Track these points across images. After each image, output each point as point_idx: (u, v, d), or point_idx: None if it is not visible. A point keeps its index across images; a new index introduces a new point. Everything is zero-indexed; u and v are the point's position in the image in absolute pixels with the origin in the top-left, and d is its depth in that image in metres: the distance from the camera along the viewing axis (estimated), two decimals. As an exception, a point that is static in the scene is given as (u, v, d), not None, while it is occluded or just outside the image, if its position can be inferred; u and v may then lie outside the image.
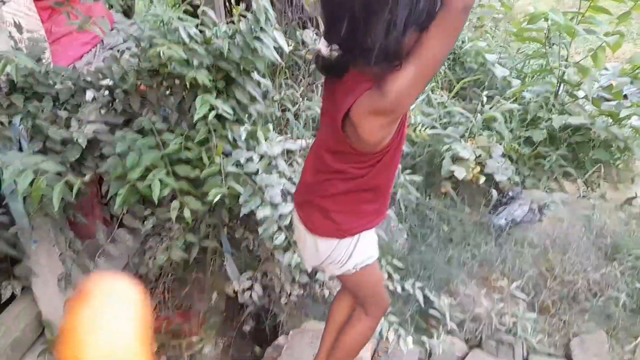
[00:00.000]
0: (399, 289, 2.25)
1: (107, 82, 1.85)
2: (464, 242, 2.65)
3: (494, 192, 2.91)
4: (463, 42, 3.85)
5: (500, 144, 3.11)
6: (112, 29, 2.55)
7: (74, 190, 1.42)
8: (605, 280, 2.29)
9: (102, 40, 2.52)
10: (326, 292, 2.31)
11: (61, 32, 2.35)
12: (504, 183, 2.97)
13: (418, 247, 2.62)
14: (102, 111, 1.72)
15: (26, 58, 1.51)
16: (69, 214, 1.74)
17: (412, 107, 3.10)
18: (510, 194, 2.94)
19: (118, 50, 1.88)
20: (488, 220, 2.79)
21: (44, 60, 1.76)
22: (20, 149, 1.65)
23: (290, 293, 2.19)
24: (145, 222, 1.72)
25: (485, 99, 3.35)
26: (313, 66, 1.36)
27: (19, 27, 1.75)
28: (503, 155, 3.07)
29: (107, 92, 1.81)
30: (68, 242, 1.80)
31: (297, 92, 2.73)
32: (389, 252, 2.45)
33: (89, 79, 1.82)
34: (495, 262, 2.50)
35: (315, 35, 2.76)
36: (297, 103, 2.70)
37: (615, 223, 2.67)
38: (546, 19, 3.29)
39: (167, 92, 1.77)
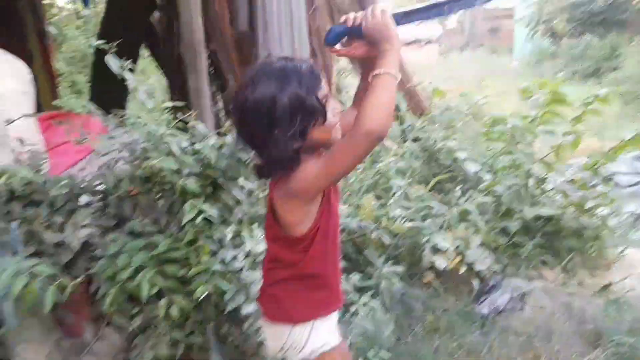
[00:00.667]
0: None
1: (101, 187, 1.98)
2: (450, 331, 2.66)
3: (475, 282, 2.98)
4: (435, 141, 4.15)
5: (478, 235, 3.25)
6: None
7: (66, 292, 1.48)
8: (590, 368, 2.31)
9: (96, 148, 2.70)
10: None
11: (58, 141, 2.53)
12: (485, 272, 3.06)
13: (404, 338, 2.63)
14: (96, 215, 1.82)
15: (27, 170, 1.64)
16: (58, 314, 1.77)
17: (389, 203, 3.28)
18: (492, 282, 3.02)
19: (113, 158, 2.03)
20: (471, 309, 2.84)
21: (42, 170, 1.89)
22: (14, 252, 1.72)
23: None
24: (133, 319, 1.75)
25: (459, 192, 3.55)
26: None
27: (21, 141, 1.91)
28: (481, 245, 3.19)
29: (100, 197, 1.93)
30: (56, 342, 1.80)
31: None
32: (377, 343, 2.45)
33: (83, 185, 1.95)
34: (481, 352, 2.50)
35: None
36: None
37: (594, 309, 2.73)
38: (505, 123, 3.62)
39: (158, 197, 1.89)
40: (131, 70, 1.90)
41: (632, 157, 5.80)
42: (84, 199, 1.92)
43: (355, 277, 2.47)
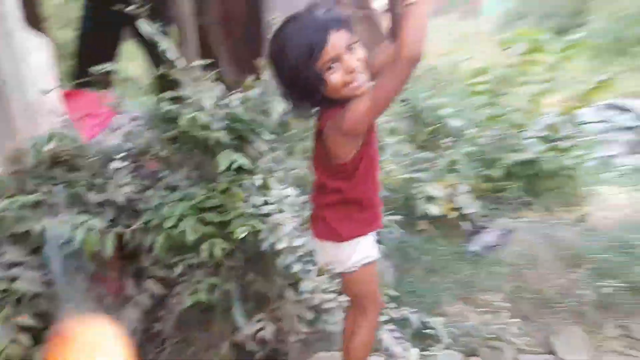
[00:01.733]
0: (395, 316, 2.51)
1: (126, 153, 2.16)
2: (446, 269, 2.96)
3: (466, 225, 3.28)
4: (419, 100, 4.39)
5: (465, 183, 3.54)
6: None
7: (125, 239, 1.68)
8: (572, 284, 2.63)
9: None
10: (331, 328, 2.54)
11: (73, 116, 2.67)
12: (474, 215, 3.36)
13: (406, 279, 2.90)
14: (132, 175, 2.01)
15: (74, 133, 1.81)
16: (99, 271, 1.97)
17: (383, 159, 3.52)
18: (481, 224, 3.32)
19: (136, 126, 2.21)
20: (464, 249, 3.14)
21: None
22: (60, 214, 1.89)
23: (298, 332, 2.40)
24: (174, 268, 1.96)
25: (448, 144, 3.83)
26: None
27: (54, 112, 2.07)
28: (469, 192, 3.48)
29: (132, 160, 2.11)
30: (98, 297, 2.01)
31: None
32: (381, 284, 2.72)
33: (114, 152, 2.12)
34: (476, 283, 2.81)
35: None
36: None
37: (573, 237, 3.05)
38: (488, 72, 3.89)
39: (185, 155, 2.08)
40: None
41: (600, 107, 6.18)
42: (115, 164, 2.09)
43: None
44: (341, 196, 1.54)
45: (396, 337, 2.28)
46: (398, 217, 3.10)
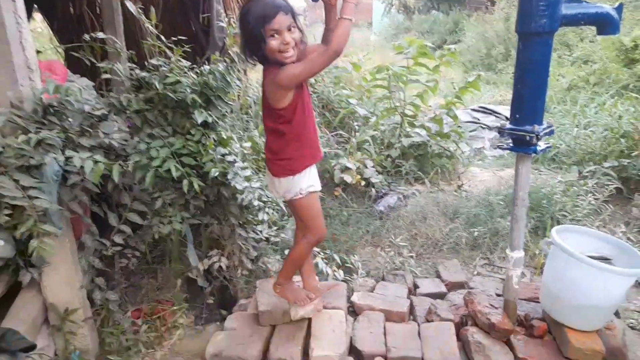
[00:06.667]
0: (323, 256, 3.11)
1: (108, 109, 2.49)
2: (359, 223, 3.64)
3: (373, 190, 4.01)
4: (329, 93, 5.07)
5: (371, 159, 4.28)
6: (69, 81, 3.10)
7: (129, 169, 2.07)
8: (452, 231, 3.46)
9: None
10: (269, 266, 3.07)
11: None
12: (378, 184, 4.11)
13: (329, 230, 3.52)
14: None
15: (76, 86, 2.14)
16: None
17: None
18: (384, 191, 4.07)
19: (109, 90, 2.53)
20: (372, 209, 3.86)
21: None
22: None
23: (244, 267, 2.90)
24: (156, 201, 2.35)
25: (356, 128, 4.54)
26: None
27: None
28: (374, 167, 4.23)
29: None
30: (87, 229, 2.33)
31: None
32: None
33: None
34: (382, 233, 3.53)
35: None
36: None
37: (452, 200, 3.93)
38: (387, 70, 4.68)
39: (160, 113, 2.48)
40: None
41: (470, 110, 7.44)
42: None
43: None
44: (287, 138, 2.04)
45: (328, 264, 2.87)
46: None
